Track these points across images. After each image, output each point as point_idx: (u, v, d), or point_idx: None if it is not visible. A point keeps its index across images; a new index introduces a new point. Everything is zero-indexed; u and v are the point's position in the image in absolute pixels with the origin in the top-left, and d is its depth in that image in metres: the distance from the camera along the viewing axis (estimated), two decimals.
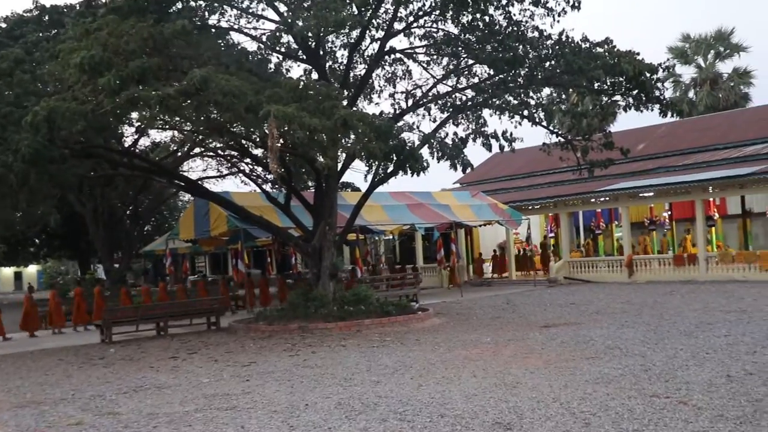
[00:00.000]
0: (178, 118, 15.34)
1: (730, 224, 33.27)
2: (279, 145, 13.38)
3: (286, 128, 13.16)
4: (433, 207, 30.16)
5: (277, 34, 16.21)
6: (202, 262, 55.07)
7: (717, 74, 48.78)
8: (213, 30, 16.74)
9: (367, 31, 22.08)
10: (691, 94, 49.31)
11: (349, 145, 14.06)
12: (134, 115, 16.31)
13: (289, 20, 14.89)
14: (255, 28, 19.74)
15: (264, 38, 17.80)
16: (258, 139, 17.01)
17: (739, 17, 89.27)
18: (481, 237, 38.58)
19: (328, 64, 23.15)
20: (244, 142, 19.24)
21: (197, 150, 29.80)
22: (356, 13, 16.45)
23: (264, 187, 25.88)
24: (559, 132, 22.86)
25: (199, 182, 35.83)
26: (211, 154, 27.58)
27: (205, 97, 13.25)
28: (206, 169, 37.00)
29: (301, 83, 14.79)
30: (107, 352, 16.87)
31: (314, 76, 20.42)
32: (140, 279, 46.45)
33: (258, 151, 21.12)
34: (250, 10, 17.67)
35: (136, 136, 30.28)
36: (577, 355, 12.15)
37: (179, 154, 32.07)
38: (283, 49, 21.16)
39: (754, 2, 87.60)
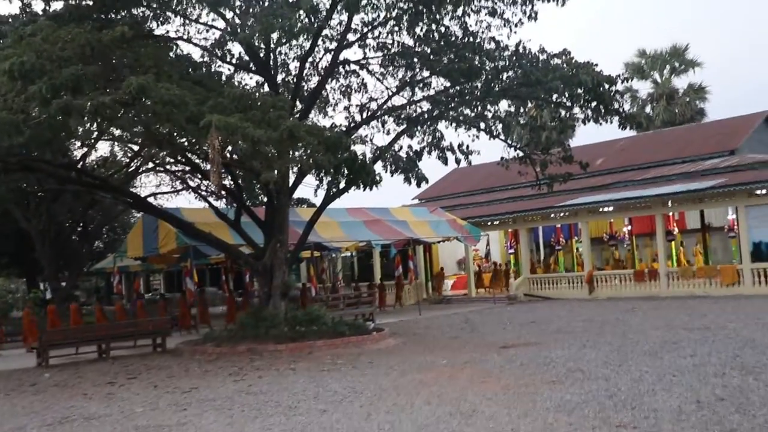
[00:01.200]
0: (116, 130, 14.44)
1: (689, 239, 33.13)
2: (221, 157, 12.60)
3: (229, 139, 12.38)
4: (391, 223, 29.47)
5: (222, 41, 15.38)
6: (157, 280, 53.80)
7: (673, 89, 49.17)
8: (157, 39, 15.87)
9: (320, 42, 21.48)
10: (648, 109, 49.53)
11: (296, 157, 13.29)
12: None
13: (237, 27, 14.12)
14: (205, 39, 19.07)
15: (209, 46, 16.97)
16: (201, 152, 16.16)
17: (693, 34, 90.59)
18: (441, 254, 38.04)
19: (280, 77, 22.47)
20: (189, 155, 18.36)
21: (149, 165, 28.79)
22: (305, 20, 15.77)
23: (214, 202, 24.95)
24: (518, 146, 22.36)
25: (153, 198, 34.91)
26: (161, 169, 26.54)
27: (142, 106, 12.43)
28: (160, 185, 35.89)
29: (246, 92, 14.00)
30: (41, 377, 15.83)
31: (266, 89, 19.71)
32: (92, 297, 45.06)
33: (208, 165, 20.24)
34: (195, 18, 16.89)
35: (84, 150, 29.13)
36: (537, 378, 11.50)
37: (130, 169, 30.98)
38: (234, 61, 20.46)
39: (708, 19, 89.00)
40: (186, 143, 15.50)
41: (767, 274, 26.00)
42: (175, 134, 14.43)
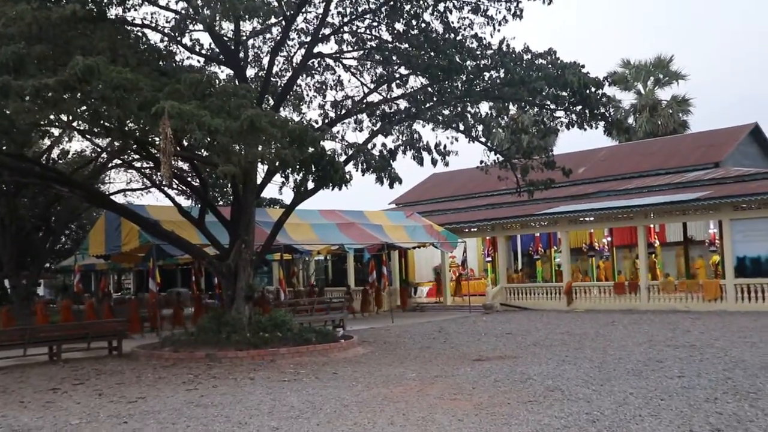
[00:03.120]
0: (60, 115, 13.34)
1: (669, 252, 32.40)
2: (173, 147, 11.57)
3: (185, 128, 11.37)
4: (365, 227, 28.49)
5: (182, 24, 14.34)
6: (128, 279, 52.52)
7: (656, 101, 48.60)
8: (114, 21, 14.76)
9: (295, 36, 20.59)
10: (630, 119, 48.89)
11: (258, 151, 12.28)
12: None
13: (198, 8, 13.10)
14: (171, 27, 18.01)
15: (170, 29, 15.92)
16: (155, 142, 15.08)
17: (678, 45, 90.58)
18: (417, 260, 37.12)
19: (253, 71, 21.51)
20: (149, 147, 17.27)
21: (117, 161, 27.65)
22: (273, 3, 14.76)
23: (181, 199, 23.85)
24: (498, 150, 21.49)
25: (123, 195, 33.65)
26: (121, 164, 25.39)
27: (89, 89, 11.38)
28: (130, 182, 34.63)
29: (205, 78, 12.98)
30: None
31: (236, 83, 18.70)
32: (59, 296, 43.72)
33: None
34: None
35: (45, 142, 27.93)
36: (513, 397, 10.56)
37: (97, 164, 29.77)
38: (203, 51, 19.46)
39: (693, 31, 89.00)
40: (138, 132, 14.41)
41: (751, 290, 25.29)
42: (127, 122, 13.36)
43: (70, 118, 14.28)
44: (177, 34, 16.10)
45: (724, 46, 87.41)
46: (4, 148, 17.74)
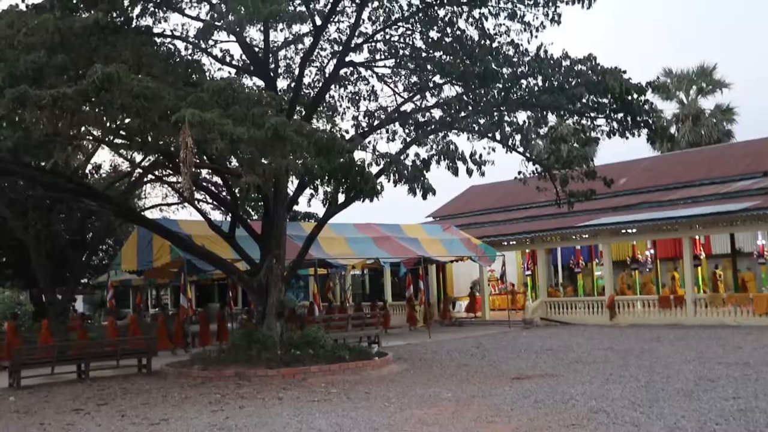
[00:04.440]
0: (80, 125, 13.01)
1: (715, 264, 31.28)
2: (194, 157, 11.16)
3: (207, 137, 10.94)
4: (401, 240, 27.91)
5: (207, 31, 13.95)
6: (166, 294, 52.58)
7: (699, 110, 47.41)
8: (138, 30, 14.45)
9: (327, 44, 20.22)
10: (673, 129, 47.71)
11: (283, 161, 11.79)
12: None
13: (223, 13, 12.71)
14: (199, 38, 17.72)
15: (194, 38, 15.59)
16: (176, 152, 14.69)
17: (721, 53, 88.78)
18: (455, 274, 36.42)
19: (285, 83, 21.16)
20: (177, 160, 16.91)
21: (151, 176, 27.47)
22: (301, 8, 14.33)
23: (212, 214, 23.52)
24: (537, 160, 20.79)
25: (159, 210, 33.54)
26: (154, 178, 25.16)
27: (108, 98, 11.02)
28: (166, 197, 34.50)
29: (228, 84, 12.55)
30: (6, 401, 14.37)
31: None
32: (99, 311, 43.87)
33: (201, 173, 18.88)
34: (178, 7, 15.49)
35: (79, 156, 27.88)
36: (554, 420, 9.89)
37: (131, 179, 29.67)
38: (233, 62, 19.17)
39: (736, 39, 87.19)
40: (160, 142, 14.04)
41: None
42: (148, 132, 12.99)
43: (90, 128, 13.98)
44: (202, 41, 15.74)
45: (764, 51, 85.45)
46: (33, 162, 17.57)
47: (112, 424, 11.29)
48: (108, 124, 12.96)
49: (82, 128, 13.75)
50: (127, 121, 12.35)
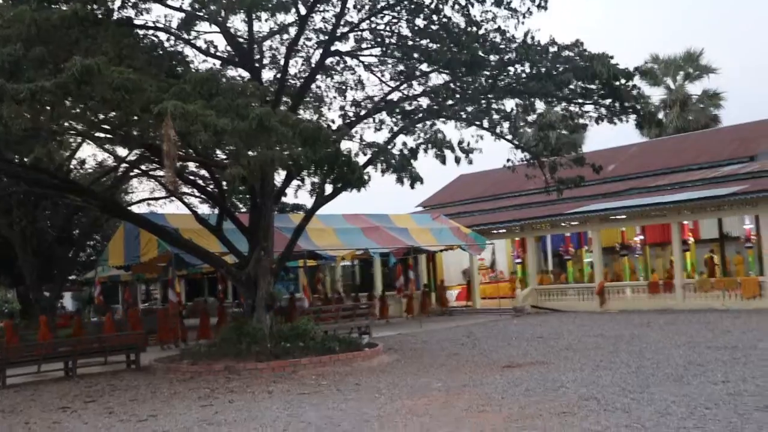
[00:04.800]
0: (60, 119, 12.80)
1: (703, 250, 31.33)
2: (177, 149, 11.00)
3: (190, 129, 10.78)
4: (390, 230, 27.82)
5: (190, 21, 13.76)
6: (155, 289, 52.29)
7: (686, 96, 47.43)
8: (119, 22, 14.22)
9: (312, 34, 20.04)
10: (660, 115, 47.66)
11: (268, 151, 11.64)
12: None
13: (206, 2, 12.50)
14: (184, 30, 17.49)
15: (177, 27, 15.36)
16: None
17: (708, 39, 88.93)
18: (445, 263, 36.37)
19: (271, 73, 20.97)
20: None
21: (138, 170, 27.21)
22: None
23: (198, 205, 23.32)
24: (525, 147, 20.70)
25: (146, 204, 33.26)
26: (139, 173, 24.94)
27: (89, 91, 10.85)
28: (154, 191, 34.23)
29: (211, 75, 12.38)
30: None
31: None
32: (88, 308, 43.60)
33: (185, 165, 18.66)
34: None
35: (65, 152, 27.60)
36: (545, 408, 9.83)
37: (117, 173, 29.40)
38: (218, 54, 18.96)
39: (723, 24, 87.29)
40: (142, 135, 13.84)
41: None
42: (130, 125, 12.81)
43: (71, 122, 13.77)
44: (184, 32, 15.53)
45: (755, 38, 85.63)
46: (16, 158, 17.35)
47: (99, 421, 11.17)
48: (89, 118, 12.76)
49: (63, 122, 13.57)
50: (108, 114, 12.13)
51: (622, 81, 17.22)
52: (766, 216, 25.25)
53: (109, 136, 14.76)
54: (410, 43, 19.03)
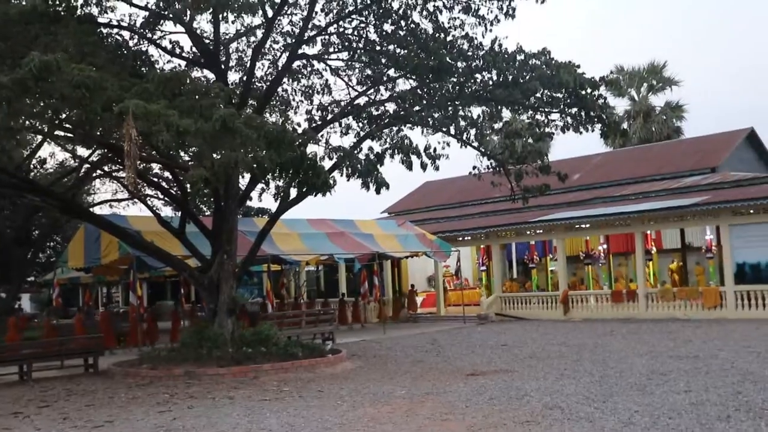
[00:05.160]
0: (18, 117, 12.46)
1: (665, 259, 31.68)
2: (138, 150, 10.76)
3: (153, 129, 10.55)
4: (355, 236, 27.70)
5: (154, 20, 13.51)
6: (117, 292, 51.52)
7: (650, 107, 48.10)
8: (80, 19, 13.89)
9: (279, 37, 19.90)
10: (624, 126, 48.20)
11: (232, 153, 11.42)
12: None
13: (171, 1, 12.26)
14: (150, 29, 17.20)
15: (139, 27, 15.10)
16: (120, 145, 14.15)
17: (670, 51, 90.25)
18: (410, 269, 36.29)
19: (237, 76, 20.77)
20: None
21: (101, 171, 26.74)
22: None
23: (161, 207, 22.96)
24: (491, 154, 20.69)
25: (108, 206, 32.74)
26: (101, 174, 24.50)
27: (48, 88, 10.57)
28: (116, 192, 33.71)
29: (175, 75, 12.14)
30: None
31: None
32: (46, 310, 42.82)
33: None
34: None
35: (24, 151, 27.10)
36: (509, 417, 9.76)
37: (79, 174, 28.89)
38: (184, 54, 18.70)
39: (685, 37, 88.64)
40: (103, 134, 13.54)
41: (751, 297, 24.56)
42: (91, 124, 12.51)
43: (30, 120, 13.43)
44: (149, 31, 15.26)
45: (717, 52, 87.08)
46: None
47: (53, 427, 10.86)
48: (49, 116, 12.44)
49: (21, 120, 13.22)
50: (69, 112, 11.83)
51: (588, 90, 17.31)
52: (726, 227, 25.55)
53: (69, 135, 14.40)
54: (378, 48, 18.98)
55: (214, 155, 11.57)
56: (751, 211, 24.90)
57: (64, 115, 12.42)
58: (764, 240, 24.73)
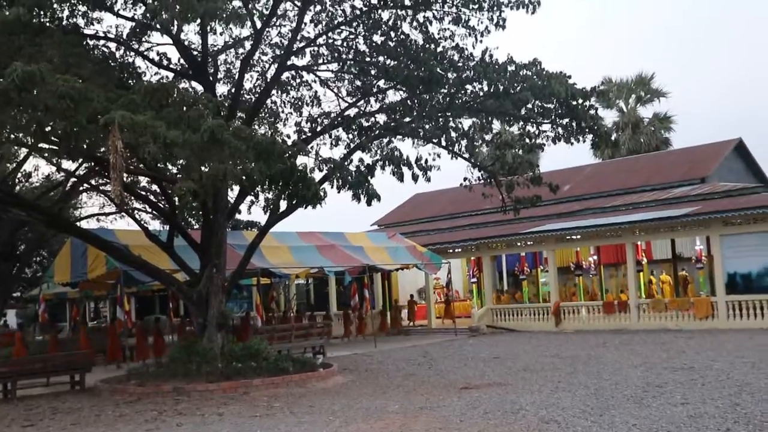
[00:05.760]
0: (2, 128, 12.24)
1: (656, 269, 31.62)
2: (124, 162, 10.55)
3: (140, 141, 10.35)
4: (345, 249, 27.49)
5: (140, 30, 13.33)
6: (105, 307, 51.04)
7: (638, 119, 48.25)
8: (66, 30, 13.69)
9: (268, 49, 19.78)
10: (613, 137, 48.27)
11: (221, 165, 11.22)
12: None
13: (156, 10, 12.05)
14: (137, 40, 17.01)
15: (125, 37, 14.92)
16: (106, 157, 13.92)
17: (659, 63, 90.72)
18: (401, 282, 36.11)
19: (225, 88, 20.63)
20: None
21: (88, 185, 26.46)
22: (240, 7, 13.82)
23: (149, 221, 22.71)
24: (482, 166, 20.56)
25: (96, 220, 32.42)
26: (88, 188, 24.21)
27: (31, 99, 10.36)
28: (104, 206, 33.37)
29: (162, 86, 11.94)
30: None
31: None
32: (33, 326, 42.32)
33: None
34: (114, 8, 14.79)
35: (9, 165, 26.78)
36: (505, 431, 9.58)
37: (66, 188, 28.58)
38: (171, 66, 18.54)
39: (674, 49, 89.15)
40: (88, 147, 13.30)
41: (742, 307, 24.51)
42: (76, 136, 12.28)
43: (13, 132, 13.18)
44: (136, 42, 15.08)
45: (705, 64, 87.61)
46: None
47: None
48: (33, 128, 12.20)
49: (5, 132, 12.97)
50: (53, 124, 11.61)
51: (580, 101, 17.23)
52: (717, 237, 25.51)
53: (54, 147, 14.18)
54: (368, 59, 18.85)
55: (202, 167, 11.39)
56: (739, 222, 24.88)
57: (48, 128, 12.19)
58: (755, 250, 24.72)
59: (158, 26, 12.92)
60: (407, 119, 18.20)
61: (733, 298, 24.82)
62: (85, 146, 13.79)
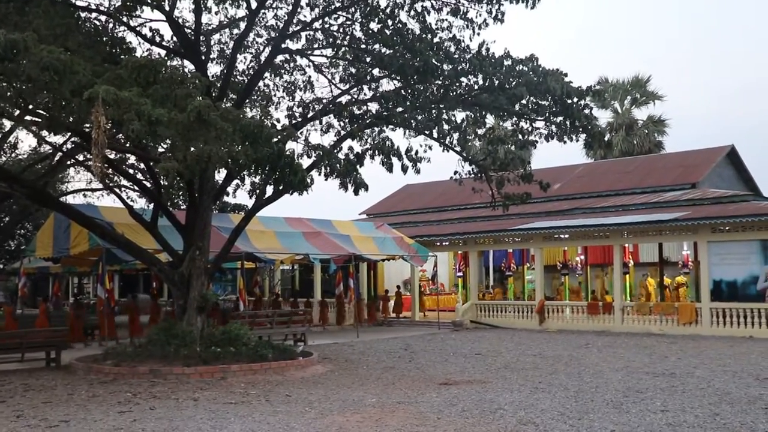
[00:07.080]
0: None
1: (641, 272, 31.57)
2: (107, 138, 10.31)
3: (124, 117, 10.10)
4: (332, 237, 27.28)
5: (129, 3, 13.05)
6: (89, 283, 50.71)
7: (633, 120, 48.22)
8: (59, 2, 13.39)
9: (263, 31, 19.52)
10: (606, 137, 48.25)
11: (206, 147, 10.99)
12: None
13: None
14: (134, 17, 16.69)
15: (113, 9, 14.62)
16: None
17: (655, 66, 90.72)
18: (387, 273, 35.95)
19: (218, 68, 20.37)
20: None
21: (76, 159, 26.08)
22: None
23: (136, 199, 22.44)
24: (474, 160, 20.37)
25: (82, 195, 32.03)
26: (77, 162, 23.87)
27: (14, 69, 10.09)
28: (91, 182, 32.99)
29: (150, 62, 11.67)
30: None
31: None
32: (14, 299, 41.97)
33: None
34: None
35: None
36: (481, 431, 9.43)
37: (52, 162, 28.21)
38: (164, 43, 18.24)
39: (669, 52, 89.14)
40: (71, 120, 13.04)
41: (726, 314, 24.46)
42: (60, 109, 12.02)
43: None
44: (127, 16, 14.78)
45: (697, 69, 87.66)
46: None
47: (5, 425, 10.38)
48: (14, 98, 11.92)
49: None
50: (37, 96, 11.33)
51: (575, 99, 17.06)
52: (705, 243, 25.44)
53: (37, 119, 13.89)
54: (363, 46, 18.62)
55: (188, 148, 11.15)
56: (728, 229, 24.81)
57: (31, 99, 11.90)
58: (742, 258, 24.64)
59: (150, 1, 12.64)
60: (400, 109, 17.98)
61: (718, 305, 24.75)
62: (70, 120, 13.49)
